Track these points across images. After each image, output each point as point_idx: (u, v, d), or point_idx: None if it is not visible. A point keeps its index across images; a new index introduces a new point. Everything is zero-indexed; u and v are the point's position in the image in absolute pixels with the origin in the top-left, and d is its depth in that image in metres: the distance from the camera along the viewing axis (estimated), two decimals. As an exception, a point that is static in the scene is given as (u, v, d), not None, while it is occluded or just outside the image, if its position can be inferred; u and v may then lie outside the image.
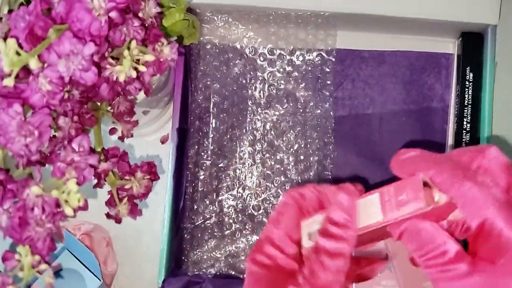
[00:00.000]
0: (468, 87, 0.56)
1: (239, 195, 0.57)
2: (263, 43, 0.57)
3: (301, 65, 0.56)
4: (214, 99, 0.57)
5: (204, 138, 0.57)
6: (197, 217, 0.57)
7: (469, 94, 0.56)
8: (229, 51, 0.57)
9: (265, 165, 0.57)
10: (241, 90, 0.57)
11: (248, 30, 0.56)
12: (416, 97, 0.58)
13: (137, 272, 0.60)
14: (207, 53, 0.57)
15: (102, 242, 0.58)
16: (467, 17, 0.53)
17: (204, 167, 0.57)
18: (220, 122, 0.57)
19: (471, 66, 0.56)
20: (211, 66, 0.57)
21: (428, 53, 0.58)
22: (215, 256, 0.56)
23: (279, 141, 0.57)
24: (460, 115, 0.56)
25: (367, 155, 0.57)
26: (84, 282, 0.55)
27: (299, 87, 0.57)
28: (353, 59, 0.58)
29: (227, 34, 0.56)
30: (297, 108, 0.57)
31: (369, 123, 0.58)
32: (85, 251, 0.56)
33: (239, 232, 0.57)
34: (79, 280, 0.55)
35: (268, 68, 0.57)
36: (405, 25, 0.55)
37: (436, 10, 0.53)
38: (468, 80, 0.56)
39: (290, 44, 0.57)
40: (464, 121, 0.56)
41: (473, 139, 0.55)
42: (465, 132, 0.55)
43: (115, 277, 0.59)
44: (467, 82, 0.56)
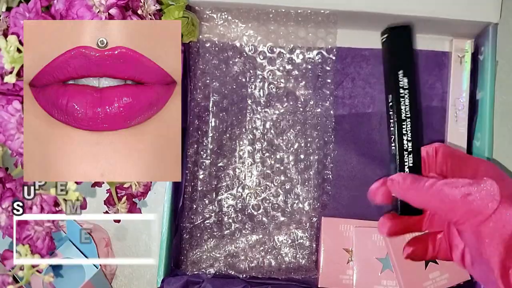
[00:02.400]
0: (404, 95, 0.48)
1: (239, 194, 0.57)
2: (263, 41, 0.56)
3: (301, 64, 0.56)
4: (214, 97, 0.57)
5: (204, 137, 0.57)
6: (196, 216, 0.56)
7: (406, 105, 0.48)
8: (228, 49, 0.56)
9: (265, 164, 0.57)
10: (240, 89, 0.57)
11: (247, 28, 0.56)
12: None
13: (136, 272, 0.59)
14: (207, 51, 0.56)
15: (102, 242, 0.58)
16: (468, 15, 0.53)
17: (204, 166, 0.57)
18: (219, 121, 0.57)
19: (403, 70, 0.48)
20: (210, 64, 0.56)
21: (429, 52, 0.58)
22: (214, 256, 0.56)
23: (279, 140, 0.56)
24: (398, 124, 0.48)
25: (367, 154, 0.57)
26: (83, 271, 0.55)
27: (299, 86, 0.56)
28: (353, 58, 0.58)
29: (227, 32, 0.56)
30: (297, 106, 0.56)
31: (369, 122, 0.57)
32: (85, 242, 0.55)
33: (238, 232, 0.56)
34: (78, 270, 0.55)
35: (268, 66, 0.57)
36: (406, 23, 0.55)
37: (436, 8, 0.53)
38: (403, 87, 0.48)
39: (290, 42, 0.56)
40: (403, 129, 0.48)
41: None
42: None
43: (115, 277, 0.59)
44: (402, 89, 0.48)
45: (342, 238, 0.54)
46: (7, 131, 0.42)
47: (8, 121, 0.42)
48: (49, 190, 0.43)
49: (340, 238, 0.54)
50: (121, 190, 0.49)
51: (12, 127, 0.42)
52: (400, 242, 0.50)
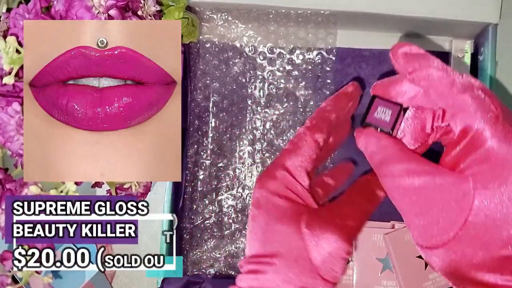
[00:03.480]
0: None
1: (239, 194, 0.57)
2: (263, 41, 0.56)
3: (301, 64, 0.56)
4: (214, 98, 0.57)
5: (204, 138, 0.57)
6: (197, 217, 0.56)
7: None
8: (228, 49, 0.56)
9: (265, 165, 0.57)
10: (240, 89, 0.57)
11: (248, 28, 0.56)
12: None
13: (136, 272, 0.59)
14: (207, 52, 0.56)
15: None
16: (467, 15, 0.53)
17: (204, 166, 0.57)
18: (219, 121, 0.57)
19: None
20: (210, 65, 0.56)
21: (428, 52, 0.58)
22: (214, 256, 0.56)
23: (279, 141, 0.56)
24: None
25: (367, 154, 0.57)
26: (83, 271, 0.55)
27: (299, 86, 0.56)
28: (353, 58, 0.58)
29: (227, 32, 0.56)
30: (297, 107, 0.56)
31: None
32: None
33: (238, 232, 0.56)
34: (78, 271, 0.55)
35: (268, 67, 0.57)
36: (406, 23, 0.55)
37: (436, 9, 0.53)
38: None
39: (290, 43, 0.56)
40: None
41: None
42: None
43: (115, 277, 0.59)
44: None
45: (342, 239, 0.54)
46: (6, 132, 0.42)
47: (7, 123, 0.42)
48: (49, 191, 0.43)
49: (340, 238, 0.54)
50: (121, 191, 0.49)
51: (11, 128, 0.42)
52: (401, 243, 0.50)
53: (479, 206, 0.36)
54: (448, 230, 0.37)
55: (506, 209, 0.36)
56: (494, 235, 0.36)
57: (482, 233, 0.36)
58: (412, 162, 0.39)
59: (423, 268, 0.51)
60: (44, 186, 0.44)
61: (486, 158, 0.36)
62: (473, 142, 0.37)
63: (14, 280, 0.45)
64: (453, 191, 0.37)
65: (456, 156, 0.38)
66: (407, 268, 0.51)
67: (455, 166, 0.38)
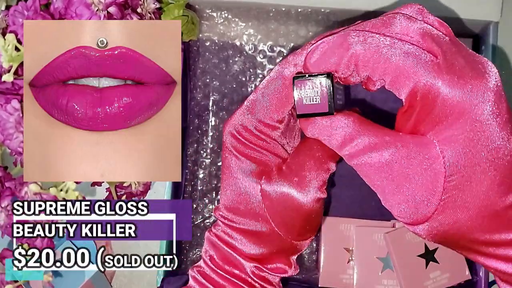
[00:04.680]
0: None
1: (239, 193, 0.56)
2: (263, 40, 0.56)
3: (301, 63, 0.56)
4: (214, 96, 0.56)
5: (203, 136, 0.56)
6: (196, 216, 0.56)
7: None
8: (228, 48, 0.56)
9: (265, 163, 0.56)
10: (240, 88, 0.57)
11: (248, 27, 0.56)
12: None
13: (136, 272, 0.59)
14: (206, 50, 0.56)
15: (101, 242, 0.58)
16: (468, 14, 0.53)
17: (204, 165, 0.56)
18: (219, 120, 0.56)
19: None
20: (210, 63, 0.56)
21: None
22: (214, 255, 0.56)
23: (279, 139, 0.56)
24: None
25: (367, 153, 0.57)
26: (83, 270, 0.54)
27: (299, 85, 0.56)
28: (354, 57, 0.58)
29: (227, 31, 0.56)
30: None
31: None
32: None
33: (238, 231, 0.56)
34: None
35: (268, 65, 0.56)
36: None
37: (436, 7, 0.53)
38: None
39: (291, 41, 0.56)
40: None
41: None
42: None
43: (114, 277, 0.59)
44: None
45: (342, 238, 0.54)
46: (5, 130, 0.42)
47: (6, 120, 0.42)
48: (49, 189, 0.43)
49: (341, 237, 0.54)
50: (121, 189, 0.49)
51: (10, 126, 0.42)
52: (401, 242, 0.50)
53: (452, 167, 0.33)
54: (429, 202, 0.35)
55: (478, 159, 0.33)
56: (477, 190, 0.33)
57: (466, 193, 0.34)
58: (370, 135, 0.37)
59: (423, 267, 0.51)
60: (43, 184, 0.44)
61: (444, 113, 0.34)
62: (425, 102, 0.34)
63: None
64: (421, 159, 0.34)
65: (414, 122, 0.36)
66: (407, 267, 0.51)
67: (415, 131, 0.36)
